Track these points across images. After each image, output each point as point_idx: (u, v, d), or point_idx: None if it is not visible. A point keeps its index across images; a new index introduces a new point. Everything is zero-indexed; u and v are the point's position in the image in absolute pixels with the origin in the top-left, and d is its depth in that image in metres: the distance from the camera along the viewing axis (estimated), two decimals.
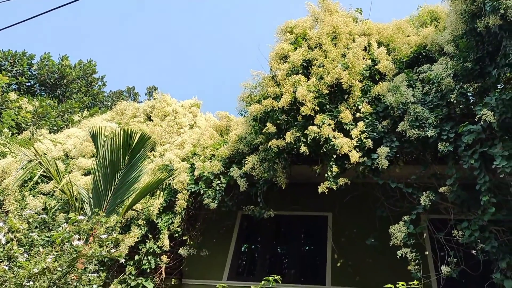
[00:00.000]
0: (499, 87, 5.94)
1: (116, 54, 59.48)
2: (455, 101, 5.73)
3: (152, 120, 10.61)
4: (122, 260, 5.08)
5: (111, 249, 4.24)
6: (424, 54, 7.24)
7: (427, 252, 7.90)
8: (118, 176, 5.96)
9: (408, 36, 7.55)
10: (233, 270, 9.06)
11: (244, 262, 10.47)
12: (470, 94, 6.02)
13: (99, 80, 23.46)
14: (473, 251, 5.84)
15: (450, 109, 5.91)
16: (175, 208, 8.04)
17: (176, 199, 8.11)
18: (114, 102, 19.96)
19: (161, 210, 8.13)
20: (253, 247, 10.68)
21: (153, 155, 9.44)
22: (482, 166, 5.34)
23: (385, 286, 3.15)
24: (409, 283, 3.05)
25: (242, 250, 10.37)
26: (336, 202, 8.14)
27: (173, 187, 8.13)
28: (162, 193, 8.11)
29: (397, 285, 3.09)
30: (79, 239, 3.99)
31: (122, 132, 5.90)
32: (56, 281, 3.75)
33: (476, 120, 5.41)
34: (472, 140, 5.39)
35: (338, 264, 8.64)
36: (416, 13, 8.25)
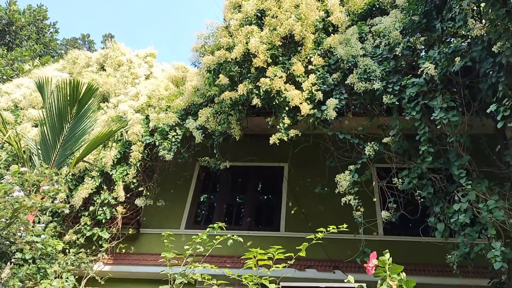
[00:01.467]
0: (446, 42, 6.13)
1: None
2: (400, 54, 5.87)
3: (105, 70, 10.28)
4: (67, 211, 5.08)
5: (54, 200, 4.26)
6: (377, 6, 7.28)
7: (375, 199, 8.35)
8: (67, 127, 5.85)
9: None
10: (191, 219, 9.29)
11: (202, 212, 10.74)
12: (420, 47, 6.17)
13: (51, 27, 22.19)
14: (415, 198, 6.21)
15: (397, 62, 6.07)
16: (130, 160, 8.02)
17: (131, 151, 8.07)
18: (68, 50, 19.08)
19: (115, 162, 8.08)
20: (211, 197, 10.91)
21: (107, 106, 9.23)
22: (423, 117, 5.59)
23: (317, 229, 3.36)
24: (338, 226, 3.26)
25: (201, 200, 10.60)
26: (290, 153, 8.35)
27: (126, 138, 8.06)
28: (115, 144, 8.03)
29: (328, 228, 3.30)
30: (23, 191, 3.97)
31: (68, 83, 5.73)
32: (1, 232, 3.76)
33: (419, 73, 5.60)
34: (415, 93, 5.60)
35: (292, 212, 9.02)
36: None
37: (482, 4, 5.34)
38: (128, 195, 8.11)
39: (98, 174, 7.83)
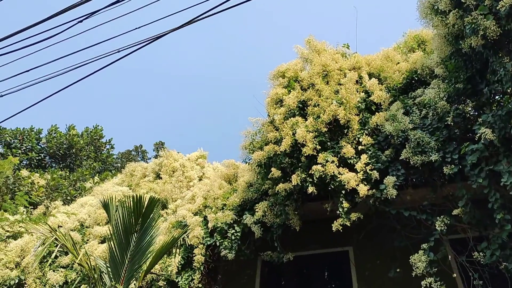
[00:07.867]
0: (496, 102, 5.98)
1: (120, 113, 60.36)
2: (452, 123, 5.76)
3: (161, 178, 10.74)
4: None
5: None
6: (416, 78, 7.35)
7: (455, 275, 7.70)
8: (133, 242, 5.99)
9: (398, 63, 7.69)
10: None
11: None
12: (468, 113, 6.05)
13: (107, 144, 23.92)
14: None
15: (450, 131, 5.94)
16: (194, 264, 7.99)
17: (194, 255, 8.07)
18: (124, 163, 20.25)
19: (180, 268, 8.08)
20: None
21: (166, 212, 9.49)
22: (491, 183, 5.29)
23: None
24: None
25: None
26: (354, 235, 8.03)
27: (188, 243, 8.11)
28: (178, 250, 8.08)
29: None
30: None
31: (131, 198, 5.98)
32: None
33: (476, 139, 5.42)
34: (476, 159, 5.36)
35: None
36: (402, 39, 8.42)
37: None
38: None
39: (165, 283, 7.81)
